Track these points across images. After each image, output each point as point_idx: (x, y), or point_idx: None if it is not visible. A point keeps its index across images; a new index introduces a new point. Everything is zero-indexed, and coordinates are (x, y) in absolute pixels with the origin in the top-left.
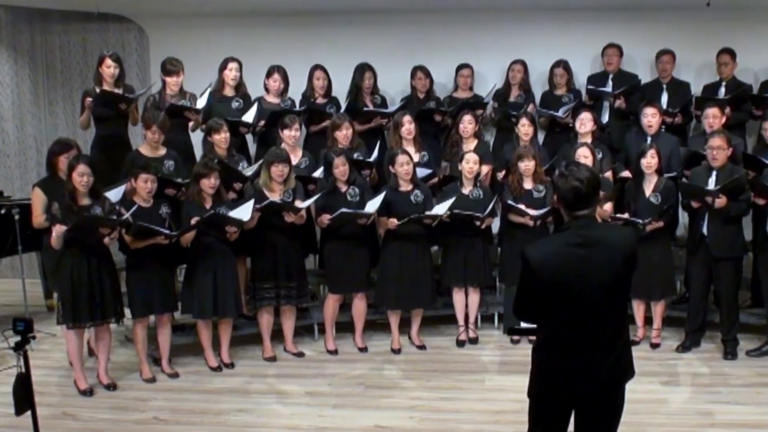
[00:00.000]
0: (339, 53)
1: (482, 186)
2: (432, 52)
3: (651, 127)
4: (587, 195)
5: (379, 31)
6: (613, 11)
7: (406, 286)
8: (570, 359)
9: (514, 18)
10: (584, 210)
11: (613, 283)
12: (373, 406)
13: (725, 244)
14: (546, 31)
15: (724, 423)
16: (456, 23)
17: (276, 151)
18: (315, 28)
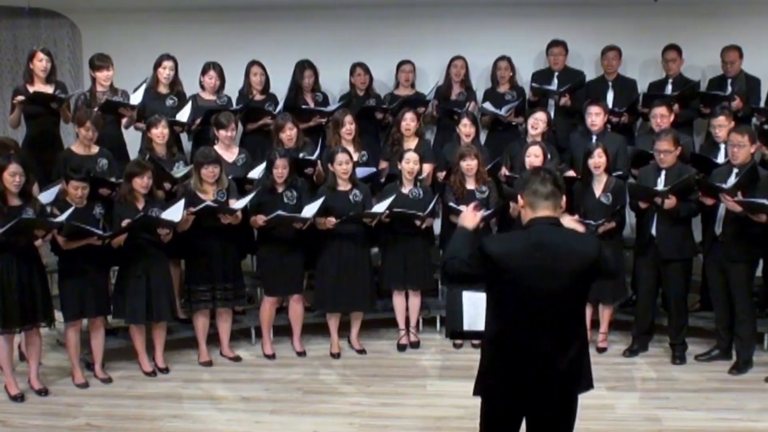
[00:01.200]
0: (278, 49)
1: (422, 185)
2: (373, 49)
3: (595, 126)
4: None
5: (319, 27)
6: (558, 7)
7: (344, 289)
8: (519, 359)
9: (456, 13)
10: (547, 211)
11: (571, 287)
12: (311, 411)
13: (674, 245)
14: (489, 26)
15: (672, 429)
16: (397, 19)
17: (205, 152)
18: (253, 23)
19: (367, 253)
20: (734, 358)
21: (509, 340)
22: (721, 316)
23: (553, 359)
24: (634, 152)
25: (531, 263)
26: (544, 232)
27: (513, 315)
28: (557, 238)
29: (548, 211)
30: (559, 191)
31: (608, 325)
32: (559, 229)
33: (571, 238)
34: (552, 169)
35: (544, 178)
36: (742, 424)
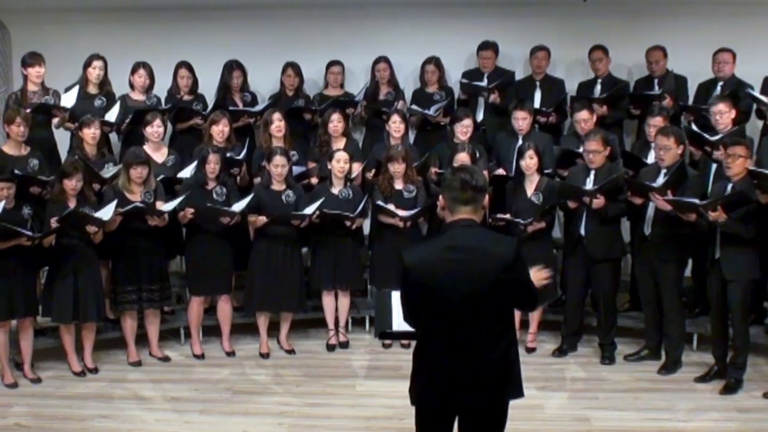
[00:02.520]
0: (207, 50)
1: (352, 186)
2: (301, 49)
3: (522, 130)
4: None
5: (248, 28)
6: (487, 7)
7: (273, 289)
8: (441, 365)
9: (385, 14)
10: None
11: (487, 291)
12: (240, 412)
13: (603, 245)
14: (419, 27)
15: (601, 429)
16: (326, 19)
17: (135, 153)
18: (182, 24)
19: (297, 253)
20: (663, 358)
21: (433, 343)
22: (650, 316)
23: (476, 362)
24: (561, 152)
25: (446, 266)
26: (460, 234)
27: (434, 319)
28: (473, 240)
29: (467, 214)
30: (480, 194)
31: (537, 325)
32: (476, 230)
33: (487, 240)
34: (475, 169)
35: (465, 182)
36: (671, 425)
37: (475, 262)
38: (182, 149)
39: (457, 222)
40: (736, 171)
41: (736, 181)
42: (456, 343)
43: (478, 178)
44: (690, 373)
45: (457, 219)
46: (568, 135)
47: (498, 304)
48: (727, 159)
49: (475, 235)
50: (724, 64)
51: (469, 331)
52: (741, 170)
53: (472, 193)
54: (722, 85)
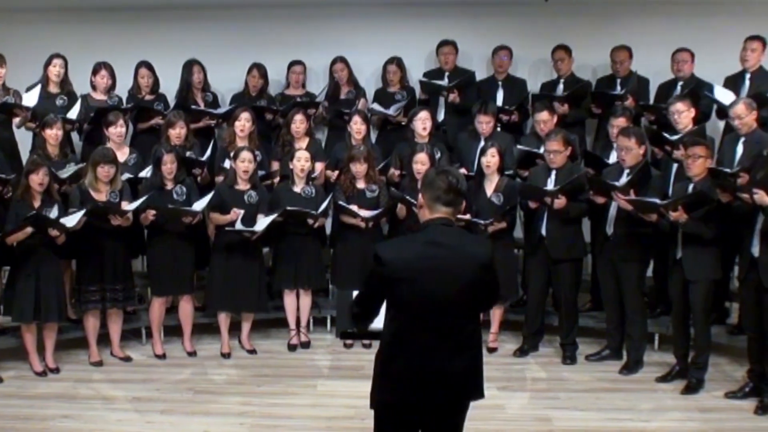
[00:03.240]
0: (168, 49)
1: (314, 185)
2: (263, 49)
3: (485, 133)
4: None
5: (210, 28)
6: (449, 6)
7: (234, 289)
8: (414, 362)
9: (346, 14)
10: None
11: (465, 290)
12: (202, 411)
13: (564, 245)
14: (380, 27)
15: (562, 429)
16: (288, 19)
17: (103, 151)
18: (144, 23)
19: (258, 253)
20: (625, 358)
21: (405, 345)
22: (611, 316)
23: (448, 365)
24: (521, 152)
25: (426, 265)
26: (439, 233)
27: (408, 319)
28: (452, 238)
29: (446, 214)
30: (461, 198)
31: (499, 325)
32: (453, 229)
33: (465, 240)
34: (460, 174)
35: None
36: (632, 424)
37: (454, 261)
38: (143, 149)
39: (435, 220)
40: (696, 171)
41: (697, 181)
42: (432, 341)
43: (462, 183)
44: (651, 373)
45: (435, 218)
46: (528, 135)
47: (472, 303)
48: (687, 159)
49: (454, 234)
50: (683, 63)
51: (445, 330)
52: (702, 170)
53: (455, 196)
54: (682, 84)
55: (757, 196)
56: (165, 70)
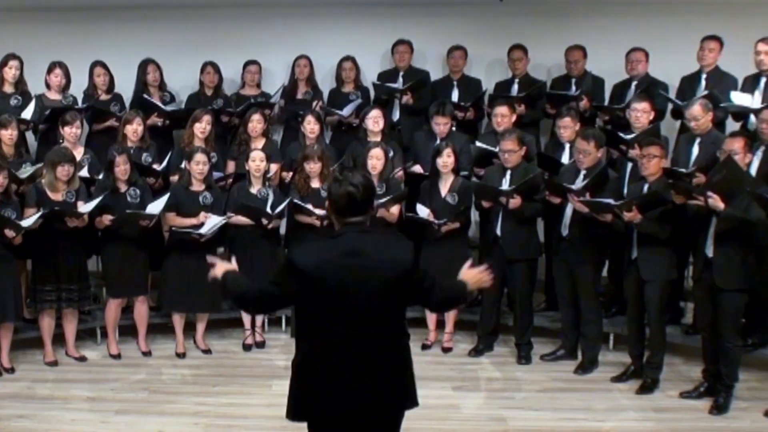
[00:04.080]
0: (123, 49)
1: (271, 185)
2: (218, 48)
3: (442, 133)
4: (361, 202)
5: (166, 27)
6: (404, 6)
7: (189, 289)
8: (337, 378)
9: (301, 13)
10: (357, 217)
11: (386, 298)
12: (157, 411)
13: (519, 245)
14: (335, 26)
15: (517, 429)
16: (243, 18)
17: (62, 151)
18: (99, 23)
19: (212, 253)
20: (580, 357)
21: (325, 358)
22: (566, 316)
23: (368, 374)
24: (478, 152)
25: (344, 273)
26: (356, 239)
27: (328, 331)
28: (370, 245)
29: (359, 217)
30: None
31: (453, 325)
32: (371, 235)
33: (384, 245)
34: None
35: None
36: (587, 424)
37: (374, 268)
38: (98, 149)
39: (350, 225)
40: (651, 171)
41: (652, 181)
42: (353, 353)
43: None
44: (606, 373)
45: (349, 222)
46: (486, 134)
47: (397, 312)
48: (642, 159)
49: (371, 240)
50: (636, 63)
51: (366, 340)
52: (656, 170)
53: (358, 206)
54: (636, 84)
55: (712, 201)
56: (121, 69)
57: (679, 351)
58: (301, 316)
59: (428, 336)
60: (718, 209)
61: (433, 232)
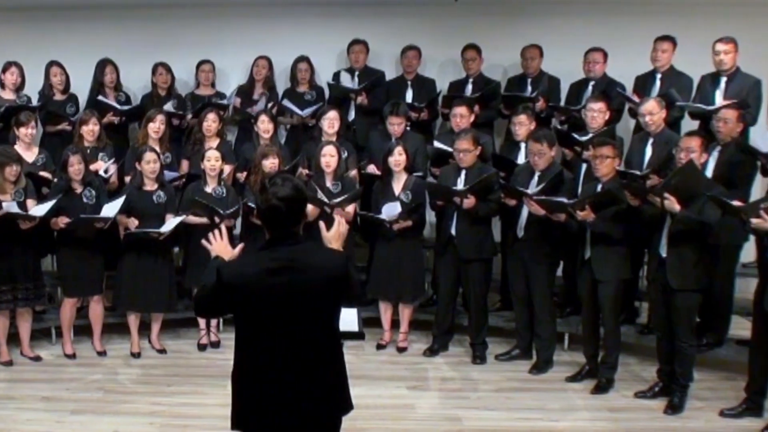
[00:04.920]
0: (79, 49)
1: (225, 184)
2: (174, 48)
3: (397, 134)
4: (286, 216)
5: (121, 27)
6: (359, 6)
7: (144, 289)
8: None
9: (256, 13)
10: (288, 228)
11: (319, 307)
12: (112, 411)
13: (474, 245)
14: (290, 26)
15: (472, 428)
16: (197, 18)
17: (7, 151)
18: (54, 23)
19: (168, 253)
20: (534, 357)
21: (257, 370)
22: (521, 316)
23: (309, 386)
24: (434, 151)
25: (272, 288)
26: (286, 250)
27: (261, 342)
28: (300, 257)
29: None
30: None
31: (408, 325)
32: (301, 246)
33: (314, 256)
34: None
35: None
36: (542, 424)
37: (304, 280)
38: (53, 149)
39: (279, 237)
40: (604, 171)
41: (605, 181)
42: (284, 363)
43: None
44: (561, 373)
45: (279, 233)
46: (442, 134)
47: (327, 319)
48: (595, 160)
49: (302, 250)
50: (594, 63)
51: (297, 350)
52: (610, 170)
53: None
54: (594, 84)
55: (668, 202)
56: (76, 70)
57: (633, 351)
58: (237, 327)
59: (383, 336)
60: (674, 211)
61: (387, 230)
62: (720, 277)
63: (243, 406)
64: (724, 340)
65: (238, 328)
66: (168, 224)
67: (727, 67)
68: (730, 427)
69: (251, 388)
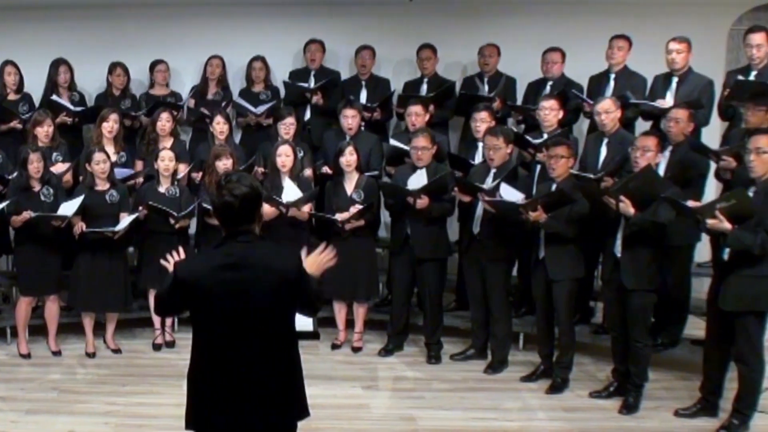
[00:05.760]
0: (32, 49)
1: (179, 185)
2: (128, 48)
3: (351, 129)
4: (239, 212)
5: (75, 27)
6: (314, 6)
7: (99, 288)
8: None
9: (211, 12)
10: (242, 226)
11: (272, 308)
12: (67, 411)
13: (429, 245)
14: (245, 26)
15: (427, 428)
16: (152, 18)
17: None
18: (8, 22)
19: (122, 253)
20: (489, 357)
21: (213, 368)
22: (477, 316)
23: (260, 386)
24: (390, 151)
25: (224, 284)
26: (239, 250)
27: (213, 341)
28: (253, 255)
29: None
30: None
31: (363, 325)
32: (255, 245)
33: (268, 255)
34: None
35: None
36: (497, 424)
37: (256, 279)
38: (6, 148)
39: (234, 235)
40: (559, 172)
41: (560, 182)
42: (237, 362)
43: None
44: (516, 373)
45: (233, 231)
46: (396, 134)
47: (281, 321)
48: (550, 160)
49: (255, 250)
50: (552, 64)
51: (251, 352)
52: (564, 171)
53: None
54: (551, 84)
55: (623, 205)
56: (30, 69)
57: (588, 351)
58: (193, 325)
59: (338, 336)
60: (628, 214)
61: (339, 230)
62: (675, 278)
63: (196, 406)
64: (679, 340)
65: (194, 325)
66: (122, 223)
67: (678, 67)
68: (685, 426)
69: (204, 387)
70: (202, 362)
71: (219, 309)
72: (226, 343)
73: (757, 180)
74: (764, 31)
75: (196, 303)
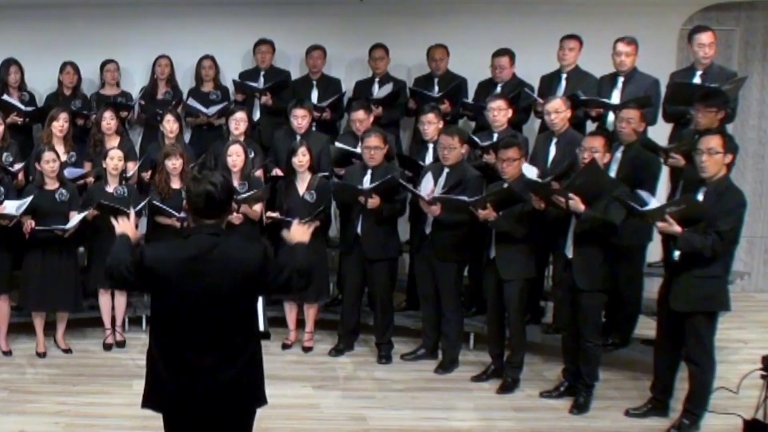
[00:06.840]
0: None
1: (128, 184)
2: (78, 48)
3: (301, 128)
4: (220, 201)
5: (25, 26)
6: (265, 6)
7: (49, 288)
8: (181, 374)
9: (161, 12)
10: (213, 219)
11: (232, 299)
12: (17, 411)
13: (379, 245)
14: (195, 25)
15: (377, 428)
16: (101, 18)
17: None
18: None
19: (72, 253)
20: (440, 357)
21: (171, 353)
22: (428, 315)
23: (216, 374)
24: (338, 151)
25: (188, 274)
26: (205, 243)
27: (173, 328)
28: (219, 248)
29: (214, 219)
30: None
31: (314, 324)
32: (221, 239)
33: (233, 248)
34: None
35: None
36: (448, 424)
37: (220, 271)
38: None
39: (201, 228)
40: (511, 173)
41: (511, 182)
42: (199, 354)
43: (222, 191)
44: (467, 372)
45: (201, 224)
46: (344, 134)
47: (244, 313)
48: (502, 163)
49: (220, 244)
50: (501, 69)
51: (214, 341)
52: (516, 171)
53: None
54: (502, 86)
55: (573, 202)
56: None
57: (539, 350)
58: (153, 308)
59: (288, 335)
60: (579, 211)
61: None
62: (627, 278)
63: (152, 385)
64: (629, 340)
65: (155, 310)
66: (72, 221)
67: (626, 68)
68: (636, 426)
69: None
70: (159, 345)
71: (181, 297)
72: (185, 330)
73: (708, 180)
74: (711, 30)
75: (159, 290)
